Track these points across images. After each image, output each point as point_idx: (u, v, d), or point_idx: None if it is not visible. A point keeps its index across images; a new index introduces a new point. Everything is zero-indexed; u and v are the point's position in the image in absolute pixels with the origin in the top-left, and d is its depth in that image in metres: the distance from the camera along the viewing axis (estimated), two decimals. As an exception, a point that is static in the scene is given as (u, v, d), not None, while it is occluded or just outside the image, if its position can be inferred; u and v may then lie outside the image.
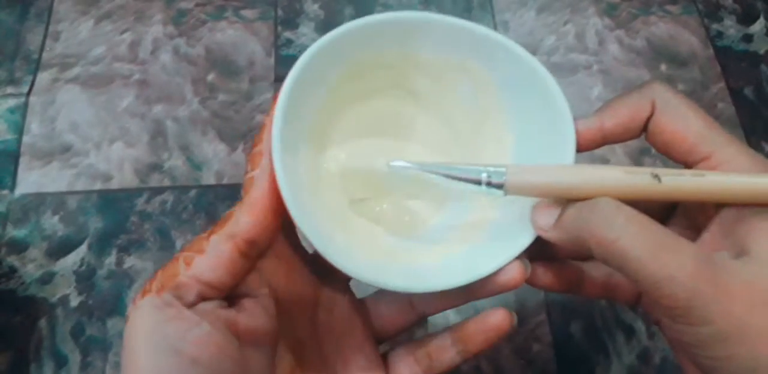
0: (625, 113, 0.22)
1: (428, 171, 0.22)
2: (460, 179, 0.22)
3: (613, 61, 0.47)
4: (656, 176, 0.20)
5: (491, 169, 0.21)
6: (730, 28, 0.49)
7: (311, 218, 0.21)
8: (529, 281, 0.23)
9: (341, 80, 0.24)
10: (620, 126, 0.22)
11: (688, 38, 0.48)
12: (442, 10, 0.49)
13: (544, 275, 0.24)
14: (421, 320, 0.25)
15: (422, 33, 0.23)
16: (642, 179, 0.20)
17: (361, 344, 0.24)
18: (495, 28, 0.48)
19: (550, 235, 0.21)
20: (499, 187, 0.21)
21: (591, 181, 0.20)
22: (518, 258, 0.22)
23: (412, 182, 0.24)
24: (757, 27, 0.49)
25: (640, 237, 0.18)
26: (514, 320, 0.23)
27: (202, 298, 0.20)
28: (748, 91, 0.46)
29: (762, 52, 0.48)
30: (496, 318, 0.22)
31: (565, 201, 0.21)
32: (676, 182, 0.20)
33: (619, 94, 0.23)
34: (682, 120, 0.21)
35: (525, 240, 0.22)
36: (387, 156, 0.24)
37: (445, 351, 0.23)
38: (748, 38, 0.48)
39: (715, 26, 0.49)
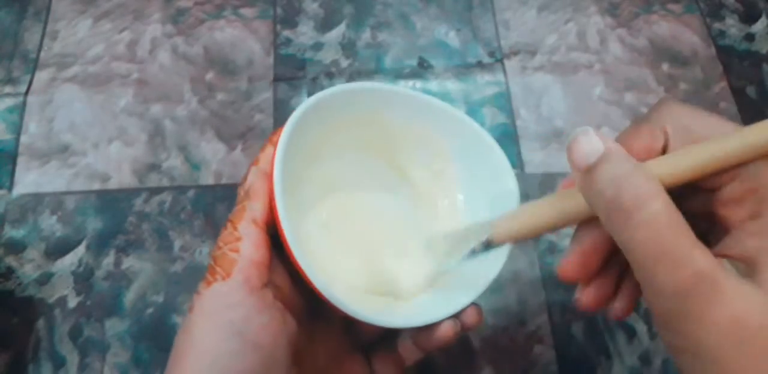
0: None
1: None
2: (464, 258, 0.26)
3: (615, 61, 0.47)
4: None
5: (478, 240, 0.24)
6: (732, 27, 0.48)
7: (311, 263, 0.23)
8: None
9: (321, 136, 0.27)
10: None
11: (690, 37, 0.48)
12: (442, 9, 0.48)
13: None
14: None
15: (389, 101, 0.28)
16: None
17: (352, 350, 0.27)
18: (496, 27, 0.48)
19: (580, 180, 0.19)
20: (489, 244, 0.24)
21: (565, 213, 0.22)
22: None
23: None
24: (759, 26, 0.48)
25: (654, 239, 0.17)
26: (476, 319, 0.26)
27: (264, 283, 0.22)
28: (750, 91, 0.46)
29: (764, 51, 0.47)
30: (439, 332, 0.25)
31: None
32: None
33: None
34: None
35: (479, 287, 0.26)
36: (365, 209, 0.30)
37: (411, 350, 0.27)
38: (750, 37, 0.48)
39: (717, 25, 0.48)
